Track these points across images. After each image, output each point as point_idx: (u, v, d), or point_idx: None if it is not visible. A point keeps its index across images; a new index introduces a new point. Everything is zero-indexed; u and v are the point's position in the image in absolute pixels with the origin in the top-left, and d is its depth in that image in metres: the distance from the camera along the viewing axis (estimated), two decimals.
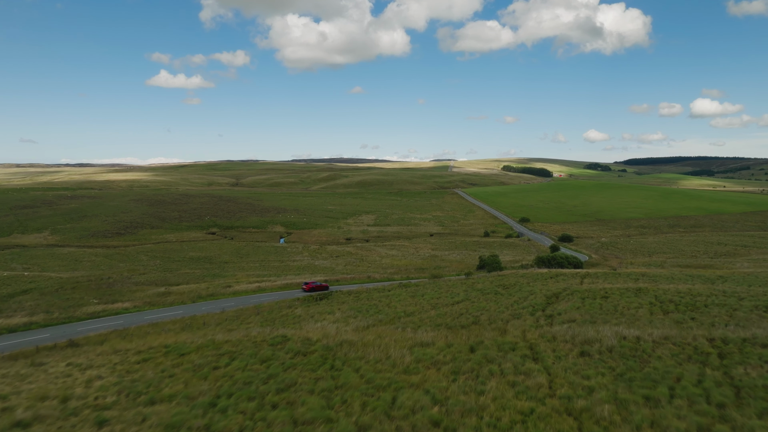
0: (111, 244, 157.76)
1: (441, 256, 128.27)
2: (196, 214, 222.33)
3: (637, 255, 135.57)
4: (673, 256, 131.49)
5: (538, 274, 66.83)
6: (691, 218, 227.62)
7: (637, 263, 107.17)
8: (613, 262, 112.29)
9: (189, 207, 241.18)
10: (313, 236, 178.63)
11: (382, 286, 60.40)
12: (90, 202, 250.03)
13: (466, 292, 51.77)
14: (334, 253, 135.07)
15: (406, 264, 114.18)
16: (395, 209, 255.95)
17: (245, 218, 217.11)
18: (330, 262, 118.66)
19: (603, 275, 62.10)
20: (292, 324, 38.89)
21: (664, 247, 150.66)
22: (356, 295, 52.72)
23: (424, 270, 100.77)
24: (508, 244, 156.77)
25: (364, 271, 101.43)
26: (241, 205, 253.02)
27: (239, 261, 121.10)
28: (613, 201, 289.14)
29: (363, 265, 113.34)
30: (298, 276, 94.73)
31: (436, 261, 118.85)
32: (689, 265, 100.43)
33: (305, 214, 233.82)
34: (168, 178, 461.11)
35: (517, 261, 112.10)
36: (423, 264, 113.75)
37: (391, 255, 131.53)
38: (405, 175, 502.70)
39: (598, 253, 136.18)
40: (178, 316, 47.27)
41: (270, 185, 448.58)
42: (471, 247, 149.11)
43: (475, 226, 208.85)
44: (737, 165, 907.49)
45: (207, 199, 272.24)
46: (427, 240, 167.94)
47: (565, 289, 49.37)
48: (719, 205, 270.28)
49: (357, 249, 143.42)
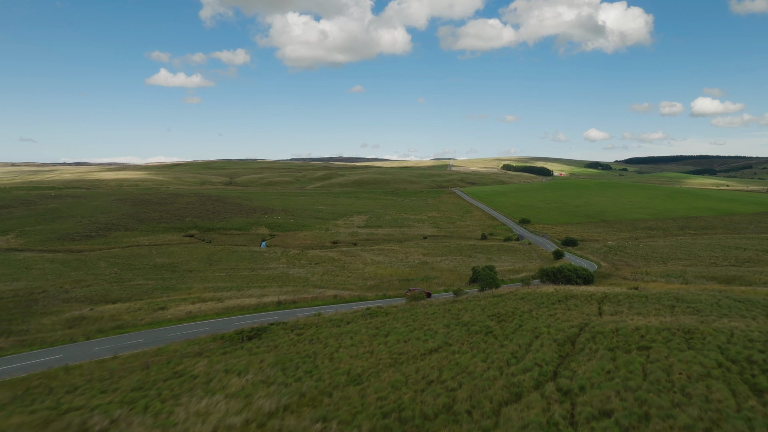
0: (76, 248, 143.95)
1: (432, 264, 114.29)
2: (178, 215, 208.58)
3: (650, 262, 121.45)
4: (691, 263, 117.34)
5: (543, 294, 52.90)
6: (701, 219, 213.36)
7: (654, 273, 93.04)
8: (626, 272, 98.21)
9: (173, 207, 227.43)
10: (298, 239, 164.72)
11: (344, 313, 46.42)
12: (72, 201, 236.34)
13: (446, 329, 37.77)
14: (315, 260, 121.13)
15: (391, 273, 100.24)
16: (389, 209, 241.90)
17: (229, 219, 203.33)
18: (306, 270, 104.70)
19: (626, 298, 48.13)
20: (170, 396, 24.99)
21: (677, 252, 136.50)
22: (299, 333, 38.71)
23: (410, 282, 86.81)
24: (507, 248, 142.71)
25: (341, 283, 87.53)
26: (228, 205, 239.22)
27: (205, 269, 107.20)
28: (618, 201, 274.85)
29: (342, 275, 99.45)
30: (264, 288, 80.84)
31: (426, 270, 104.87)
32: (715, 277, 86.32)
33: (294, 214, 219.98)
34: (161, 177, 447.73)
35: (517, 270, 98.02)
36: (410, 273, 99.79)
37: (377, 262, 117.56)
38: (403, 174, 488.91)
39: (607, 259, 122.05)
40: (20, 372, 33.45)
41: (264, 184, 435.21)
42: (466, 252, 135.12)
43: (472, 227, 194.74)
44: (739, 164, 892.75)
45: (195, 198, 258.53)
46: (420, 243, 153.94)
47: (582, 327, 35.39)
48: (729, 205, 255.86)
49: (341, 254, 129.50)
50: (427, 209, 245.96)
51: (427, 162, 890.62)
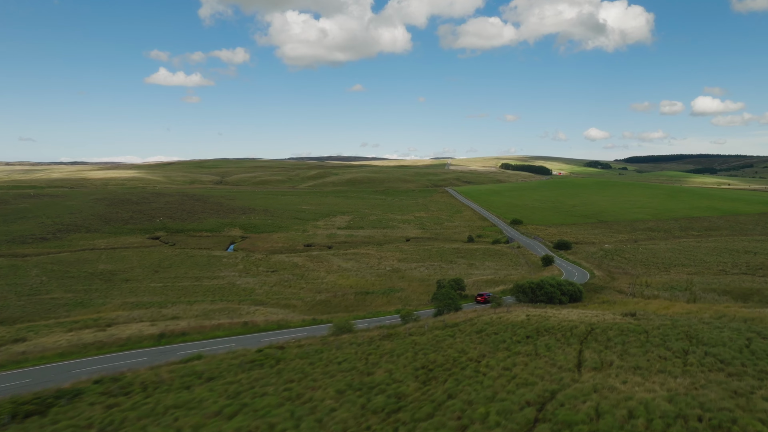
0: (21, 252, 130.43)
1: (404, 272, 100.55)
2: (150, 216, 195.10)
3: (650, 269, 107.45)
4: (697, 271, 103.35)
5: (509, 325, 39.18)
6: (704, 219, 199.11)
7: (656, 285, 79.01)
8: (623, 282, 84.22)
9: (149, 207, 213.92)
10: (269, 242, 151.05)
11: (220, 359, 32.77)
12: (48, 201, 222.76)
13: (336, 400, 24.01)
14: (276, 266, 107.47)
15: (352, 284, 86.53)
16: (376, 209, 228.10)
17: (203, 220, 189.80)
18: (258, 280, 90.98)
19: (619, 335, 34.38)
20: None
21: (680, 256, 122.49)
22: (109, 406, 25.00)
23: (367, 296, 73.12)
24: (494, 252, 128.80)
25: (287, 297, 73.88)
26: (208, 205, 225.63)
27: (145, 278, 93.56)
28: (616, 200, 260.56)
29: (296, 285, 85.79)
30: (192, 305, 67.29)
31: (394, 279, 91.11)
32: (728, 291, 72.30)
33: (274, 214, 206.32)
34: (151, 176, 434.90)
35: (496, 281, 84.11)
36: (374, 284, 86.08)
37: (344, 269, 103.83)
38: (398, 173, 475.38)
39: (602, 266, 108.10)
40: None
41: (255, 183, 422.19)
42: (447, 257, 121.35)
43: (460, 229, 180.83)
44: (740, 163, 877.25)
45: (176, 198, 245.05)
46: (400, 247, 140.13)
47: (545, 401, 21.68)
48: (733, 204, 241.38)
49: (308, 260, 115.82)
50: (415, 209, 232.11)
51: (425, 161, 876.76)
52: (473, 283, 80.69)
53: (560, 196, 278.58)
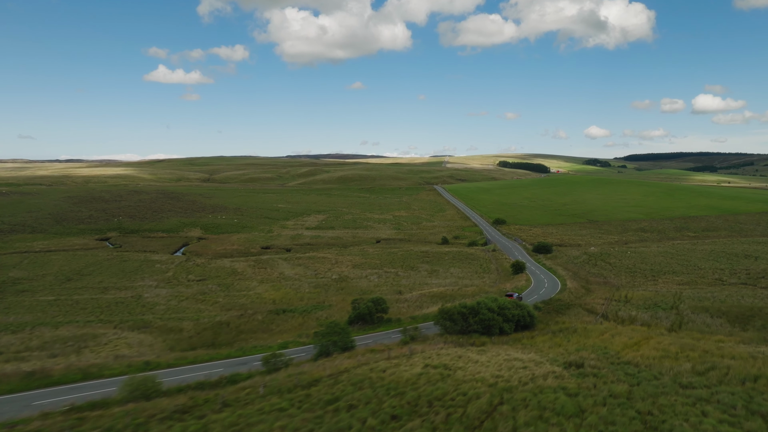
0: None
1: (350, 281, 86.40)
2: (112, 214, 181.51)
3: (636, 277, 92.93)
4: (689, 281, 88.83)
5: (383, 390, 25.29)
6: (701, 219, 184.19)
7: (637, 301, 64.55)
8: (599, 296, 69.79)
9: (118, 205, 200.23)
10: (225, 244, 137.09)
11: None
12: (15, 198, 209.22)
13: None
14: (210, 273, 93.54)
15: (280, 297, 72.48)
16: (355, 208, 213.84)
17: (165, 219, 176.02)
18: (173, 291, 77.00)
19: (536, 417, 20.61)
20: None
21: (672, 261, 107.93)
22: None
23: (283, 316, 59.05)
24: (465, 256, 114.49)
25: (191, 315, 59.90)
26: (181, 203, 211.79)
27: (47, 289, 79.66)
28: (610, 198, 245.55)
29: (212, 299, 71.83)
30: (47, 327, 53.48)
31: (331, 292, 77.02)
32: (724, 311, 57.72)
33: (245, 213, 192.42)
34: (139, 173, 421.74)
35: (447, 295, 69.71)
36: (304, 298, 72.02)
37: (285, 277, 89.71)
38: (390, 171, 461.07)
39: (579, 274, 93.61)
40: None
41: (243, 181, 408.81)
42: (411, 262, 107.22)
43: (438, 229, 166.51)
44: (740, 161, 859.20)
45: (152, 195, 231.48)
46: (364, 250, 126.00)
47: None
48: (732, 203, 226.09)
49: (252, 265, 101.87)
50: (397, 208, 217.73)
51: (423, 159, 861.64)
52: (416, 298, 66.49)
53: (551, 194, 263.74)
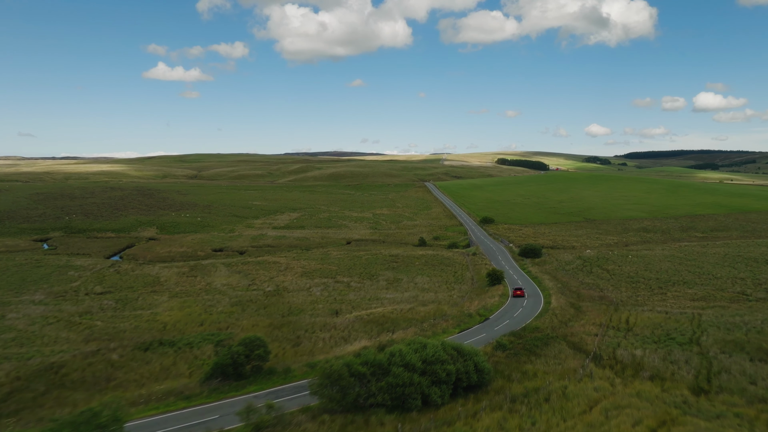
0: None
1: (286, 295, 69.27)
2: (64, 212, 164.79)
3: (639, 289, 75.47)
4: (706, 294, 71.34)
5: None
6: (709, 218, 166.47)
7: (642, 329, 47.16)
8: (591, 321, 52.47)
9: (79, 203, 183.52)
10: (173, 246, 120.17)
11: None
12: None
13: None
14: (127, 283, 76.61)
15: (180, 319, 55.46)
16: (334, 206, 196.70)
17: (122, 218, 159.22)
18: (51, 310, 59.95)
19: None
20: None
21: (682, 268, 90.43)
22: None
23: (157, 351, 42.06)
24: (439, 261, 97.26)
25: (30, 350, 42.94)
26: (151, 200, 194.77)
27: None
28: (609, 196, 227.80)
29: (84, 324, 54.83)
30: None
31: (248, 311, 59.89)
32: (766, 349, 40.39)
33: (213, 211, 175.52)
34: (125, 170, 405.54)
35: (389, 320, 52.50)
36: (212, 321, 54.96)
37: (208, 290, 72.69)
38: (383, 168, 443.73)
39: (570, 286, 76.04)
40: None
41: (232, 178, 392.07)
42: (374, 269, 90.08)
43: (419, 228, 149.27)
44: (742, 158, 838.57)
45: (127, 192, 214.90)
46: (328, 253, 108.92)
47: None
48: (741, 200, 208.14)
49: (181, 273, 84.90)
50: (380, 205, 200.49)
51: (421, 156, 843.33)
52: (348, 324, 49.19)
53: (547, 191, 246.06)
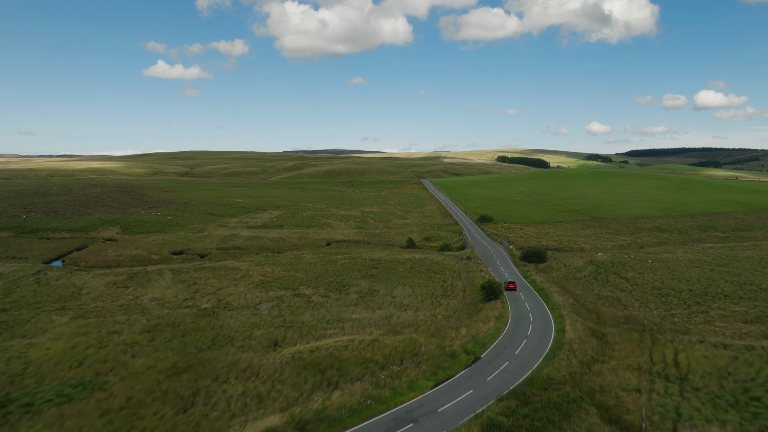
0: None
1: (224, 314, 54.11)
2: (24, 210, 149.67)
3: (672, 305, 59.98)
4: (760, 314, 55.72)
5: None
6: (728, 216, 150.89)
7: (701, 376, 31.93)
8: (626, 361, 37.13)
9: (47, 200, 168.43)
10: (128, 249, 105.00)
11: None
12: None
13: None
14: (39, 297, 61.50)
15: (57, 356, 40.22)
16: (322, 203, 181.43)
17: (85, 216, 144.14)
18: None
19: None
20: None
21: (716, 277, 75.01)
22: None
23: None
24: (428, 266, 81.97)
25: None
26: (128, 197, 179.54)
27: None
28: (616, 192, 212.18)
29: None
30: None
31: (157, 341, 44.67)
32: None
33: (188, 209, 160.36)
34: (115, 166, 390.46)
35: (340, 360, 37.27)
36: (84, 363, 39.71)
37: (130, 307, 57.54)
38: (380, 165, 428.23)
39: (587, 299, 60.44)
40: None
41: (224, 175, 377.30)
42: (348, 277, 74.85)
43: (409, 228, 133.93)
44: (745, 156, 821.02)
45: (107, 189, 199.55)
46: (301, 256, 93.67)
47: None
48: (757, 197, 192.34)
49: (117, 281, 69.78)
50: (371, 203, 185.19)
51: (421, 154, 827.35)
52: (277, 366, 34.06)
53: (549, 188, 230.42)
